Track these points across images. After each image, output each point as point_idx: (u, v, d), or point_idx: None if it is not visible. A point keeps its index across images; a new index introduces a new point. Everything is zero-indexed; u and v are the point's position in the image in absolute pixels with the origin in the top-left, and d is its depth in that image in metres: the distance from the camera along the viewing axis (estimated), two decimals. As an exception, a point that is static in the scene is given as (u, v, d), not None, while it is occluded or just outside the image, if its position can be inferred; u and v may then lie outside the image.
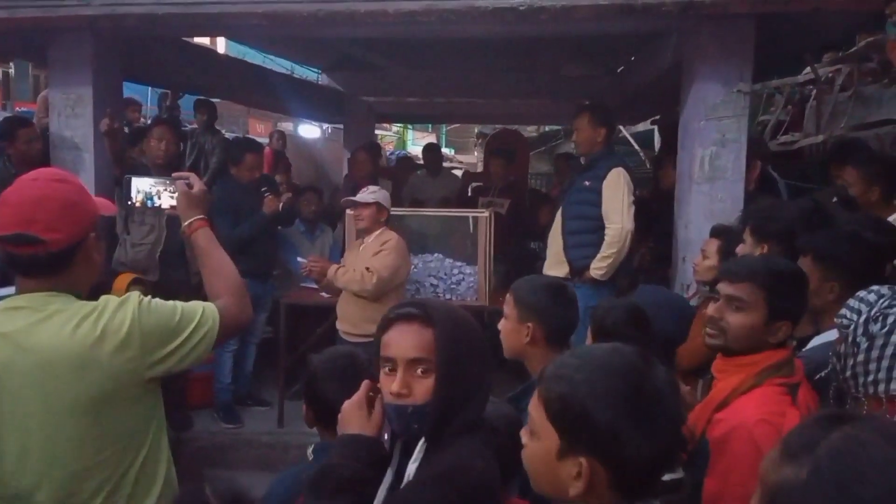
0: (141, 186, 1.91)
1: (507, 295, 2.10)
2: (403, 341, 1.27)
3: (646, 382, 1.03)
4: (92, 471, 1.48)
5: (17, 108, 12.75)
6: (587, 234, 3.85)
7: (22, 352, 1.43)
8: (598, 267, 3.77)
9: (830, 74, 5.20)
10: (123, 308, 1.49)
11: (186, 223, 1.73)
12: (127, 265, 4.14)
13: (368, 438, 1.30)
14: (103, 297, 1.52)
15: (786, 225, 2.34)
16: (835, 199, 3.89)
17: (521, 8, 3.44)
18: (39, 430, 1.44)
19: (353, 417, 1.34)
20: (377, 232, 3.84)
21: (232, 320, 1.61)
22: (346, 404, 1.36)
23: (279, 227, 4.87)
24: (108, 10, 3.71)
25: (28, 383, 1.43)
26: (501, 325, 2.09)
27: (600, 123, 3.90)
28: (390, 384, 1.27)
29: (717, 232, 2.92)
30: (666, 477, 1.15)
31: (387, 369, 1.29)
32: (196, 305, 1.58)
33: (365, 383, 1.37)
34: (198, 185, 1.79)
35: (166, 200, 1.90)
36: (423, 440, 1.28)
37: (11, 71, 15.44)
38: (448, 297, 4.62)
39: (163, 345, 1.51)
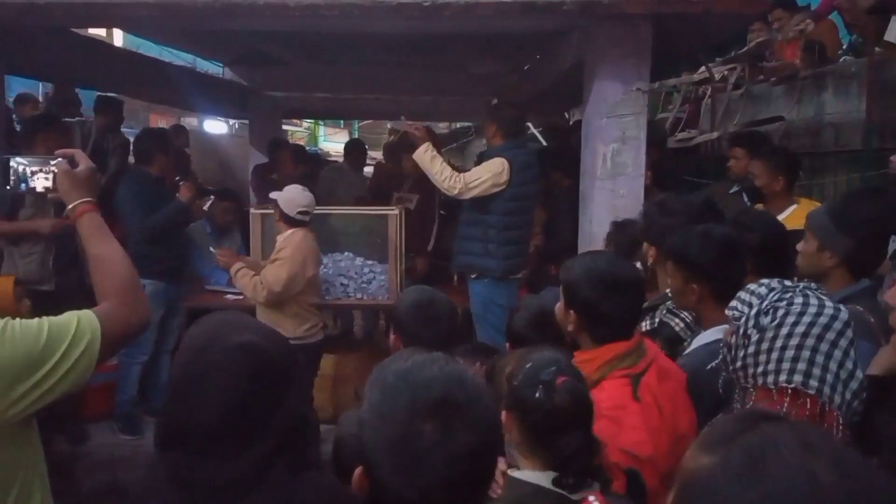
0: (18, 168, 1.64)
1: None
2: None
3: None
4: None
5: None
6: (470, 226, 4.00)
7: None
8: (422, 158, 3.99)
9: (724, 73, 5.44)
10: None
11: (70, 207, 1.52)
12: (20, 280, 3.87)
13: None
14: None
15: (677, 223, 2.38)
16: (733, 190, 4.10)
17: (424, 4, 3.41)
18: None
19: None
20: (283, 234, 3.76)
21: (119, 326, 1.38)
22: None
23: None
24: (-18, -3, 3.44)
25: None
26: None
27: (500, 126, 4.09)
28: None
29: (614, 227, 3.01)
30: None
31: None
32: (68, 319, 1.35)
33: None
34: (84, 162, 1.58)
35: (41, 182, 1.62)
36: None
37: None
38: (359, 296, 4.57)
39: (24, 378, 1.27)
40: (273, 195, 3.79)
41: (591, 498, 1.28)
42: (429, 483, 0.97)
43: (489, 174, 3.92)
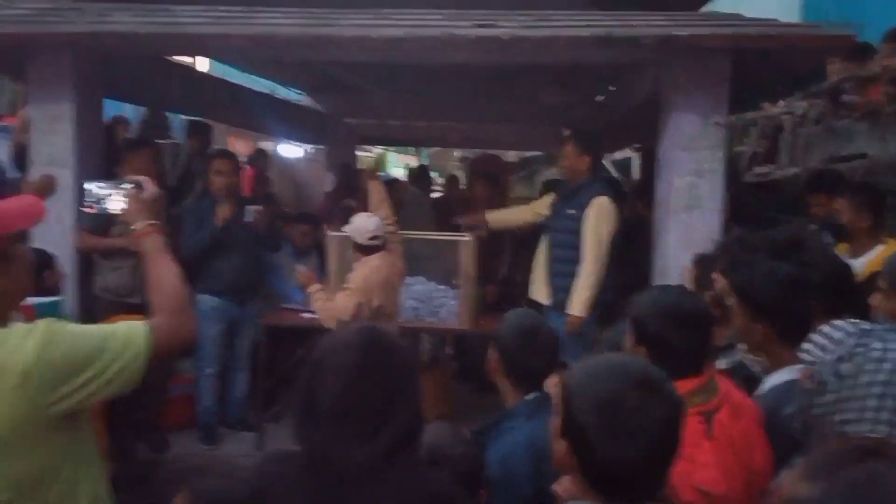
0: (95, 191, 1.79)
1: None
2: None
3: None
4: None
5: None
6: (571, 263, 3.89)
7: None
8: (576, 301, 3.82)
9: (804, 108, 5.31)
10: (28, 338, 1.36)
11: (135, 228, 1.66)
12: (110, 291, 4.08)
13: None
14: (15, 325, 1.42)
15: (758, 257, 2.34)
16: (813, 227, 3.99)
17: (503, 37, 3.50)
18: None
19: None
20: (358, 262, 3.82)
21: (168, 338, 1.48)
22: None
23: (263, 251, 4.74)
24: (89, 27, 3.70)
25: None
26: None
27: (584, 151, 3.98)
28: None
29: (696, 261, 2.97)
30: None
31: None
32: (119, 328, 1.45)
33: None
34: (150, 188, 1.72)
35: (114, 204, 1.77)
36: None
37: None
38: (430, 320, 4.62)
39: (72, 377, 1.36)
40: (348, 228, 3.86)
41: None
42: (636, 443, 1.13)
43: (606, 227, 3.86)
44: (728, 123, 3.87)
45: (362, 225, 3.86)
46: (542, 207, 4.33)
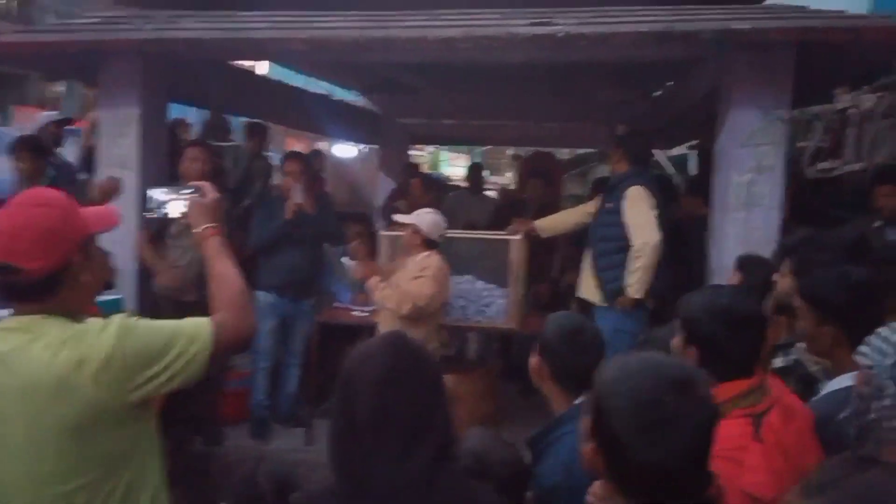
0: (156, 197, 1.88)
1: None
2: None
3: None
4: (76, 493, 1.46)
5: (66, 128, 13.13)
6: (614, 254, 3.89)
7: (10, 374, 1.44)
8: (629, 284, 3.77)
9: (871, 102, 5.13)
10: (105, 332, 1.47)
11: (197, 231, 1.73)
12: (168, 289, 4.23)
13: None
14: (89, 321, 1.52)
15: (829, 258, 2.28)
16: (877, 225, 3.86)
17: (559, 35, 3.48)
18: (24, 452, 1.45)
19: None
20: (420, 255, 3.87)
21: (229, 334, 1.56)
22: None
23: (328, 244, 4.83)
24: (157, 34, 3.85)
25: (12, 406, 1.44)
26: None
27: (625, 150, 4.06)
28: None
29: (739, 265, 2.91)
30: None
31: None
32: (186, 324, 1.55)
33: None
34: (211, 193, 1.79)
35: (175, 209, 1.85)
36: None
37: (62, 89, 15.93)
38: (477, 318, 4.63)
39: (146, 368, 1.47)
40: (413, 219, 3.90)
41: None
42: (670, 445, 1.09)
43: (645, 210, 3.82)
44: (791, 118, 3.76)
45: (438, 221, 3.93)
46: (592, 207, 4.32)
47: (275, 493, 1.52)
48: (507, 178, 17.52)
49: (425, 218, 3.91)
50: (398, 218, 3.95)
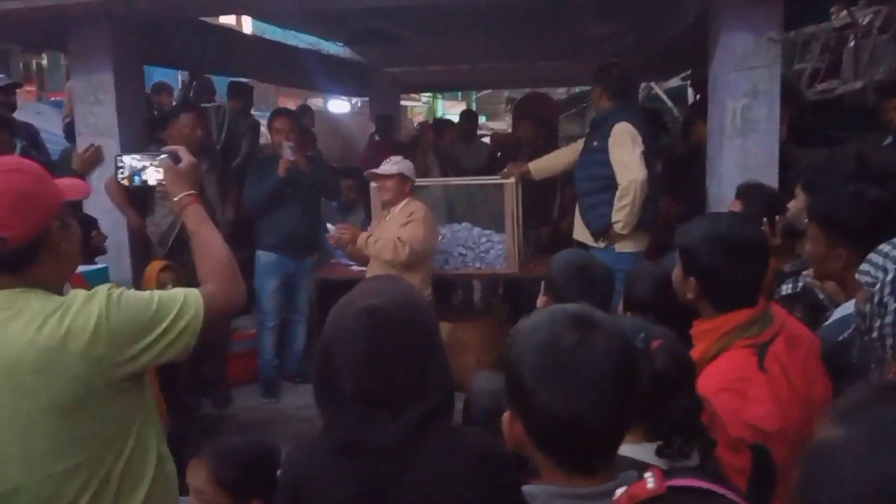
0: (129, 163, 1.78)
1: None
2: None
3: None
4: (73, 472, 1.41)
5: (52, 99, 13.01)
6: (600, 193, 3.80)
7: None
8: (616, 220, 3.70)
9: (868, 17, 4.96)
10: (90, 304, 1.40)
11: (175, 199, 1.66)
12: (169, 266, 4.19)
13: None
14: (73, 292, 1.45)
15: (839, 180, 2.19)
16: (887, 142, 3.76)
17: (537, -35, 3.34)
18: (12, 433, 1.39)
19: None
20: (402, 203, 3.83)
21: (219, 304, 1.52)
22: None
23: (321, 200, 4.77)
24: (120, -7, 3.71)
25: None
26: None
27: (605, 86, 3.88)
28: None
29: (739, 193, 2.84)
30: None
31: None
32: (176, 294, 1.50)
33: None
34: (186, 158, 1.71)
35: (152, 176, 1.76)
36: None
37: (45, 62, 15.71)
38: (477, 265, 4.60)
39: (134, 341, 1.42)
40: (396, 168, 3.83)
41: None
42: (577, 390, 1.01)
43: (631, 148, 3.66)
44: (784, 39, 3.63)
45: (410, 165, 3.89)
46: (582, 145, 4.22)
47: None
48: (506, 123, 17.29)
49: (407, 164, 3.85)
50: (381, 170, 3.87)
